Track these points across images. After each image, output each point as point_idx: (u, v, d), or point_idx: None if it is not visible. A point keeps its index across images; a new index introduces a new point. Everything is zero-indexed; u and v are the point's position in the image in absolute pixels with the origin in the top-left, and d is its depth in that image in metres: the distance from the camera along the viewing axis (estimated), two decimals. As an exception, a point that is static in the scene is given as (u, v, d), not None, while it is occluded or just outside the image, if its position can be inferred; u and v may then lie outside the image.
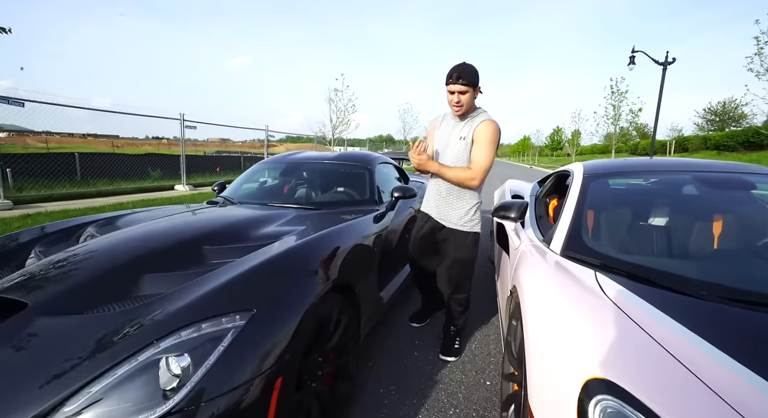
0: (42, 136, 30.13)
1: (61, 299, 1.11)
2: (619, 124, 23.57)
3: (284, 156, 3.07)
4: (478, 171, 1.81)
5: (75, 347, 0.93)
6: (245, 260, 1.36)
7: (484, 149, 1.80)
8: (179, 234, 1.62)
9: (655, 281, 1.11)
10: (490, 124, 1.81)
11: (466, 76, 1.75)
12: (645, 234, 1.53)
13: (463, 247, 1.96)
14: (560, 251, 1.42)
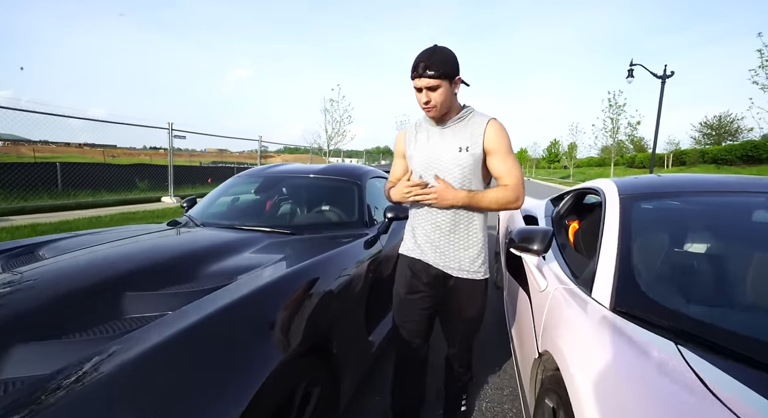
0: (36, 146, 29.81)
1: None
2: (618, 136, 23.55)
3: (263, 168, 2.70)
4: (518, 186, 1.30)
5: None
6: (169, 320, 0.96)
7: (512, 158, 1.32)
8: (101, 273, 1.22)
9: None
10: (501, 126, 1.33)
11: (437, 64, 1.22)
12: (735, 283, 1.14)
13: (476, 301, 1.40)
14: (610, 305, 1.04)
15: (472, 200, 1.29)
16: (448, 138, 1.35)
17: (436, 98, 1.26)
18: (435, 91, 1.25)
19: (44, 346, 0.88)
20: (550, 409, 1.02)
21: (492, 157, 1.33)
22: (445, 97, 1.27)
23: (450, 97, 1.29)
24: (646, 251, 1.20)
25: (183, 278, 1.26)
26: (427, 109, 1.30)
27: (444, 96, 1.26)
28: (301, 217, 2.25)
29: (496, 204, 1.30)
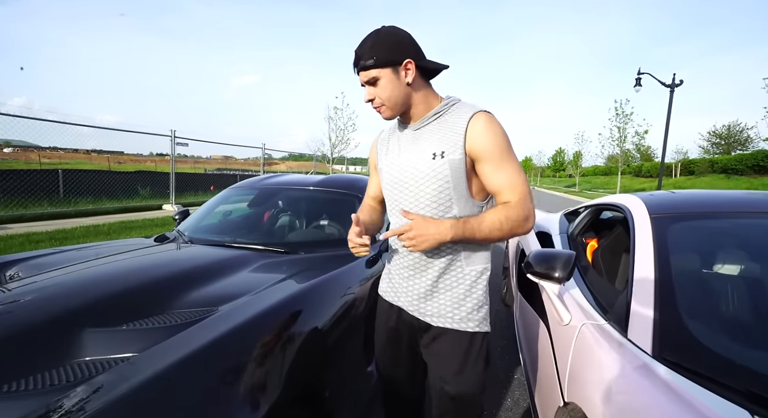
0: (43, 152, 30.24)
1: None
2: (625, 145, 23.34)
3: (258, 180, 2.56)
4: (525, 201, 0.93)
5: None
6: (129, 368, 0.81)
7: (513, 162, 0.95)
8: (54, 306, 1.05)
9: None
10: (490, 120, 0.95)
11: (371, 50, 0.95)
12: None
13: (465, 365, 0.99)
14: (651, 350, 0.87)
15: (464, 232, 0.92)
16: (421, 143, 1.01)
17: (379, 93, 0.97)
18: (375, 85, 0.97)
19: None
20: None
21: (482, 165, 0.95)
22: (391, 91, 0.97)
23: (401, 88, 0.97)
24: (690, 283, 1.03)
25: (157, 309, 1.11)
26: (376, 109, 1.01)
27: (389, 89, 0.96)
28: (297, 233, 2.10)
29: (499, 232, 0.92)
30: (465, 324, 1.00)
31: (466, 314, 1.00)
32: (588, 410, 0.86)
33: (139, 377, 0.75)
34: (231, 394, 0.82)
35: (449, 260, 1.01)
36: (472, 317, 1.00)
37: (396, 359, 1.17)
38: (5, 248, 4.11)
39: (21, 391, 0.77)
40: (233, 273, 1.45)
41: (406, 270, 1.07)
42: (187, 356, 0.84)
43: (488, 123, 0.95)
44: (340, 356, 1.29)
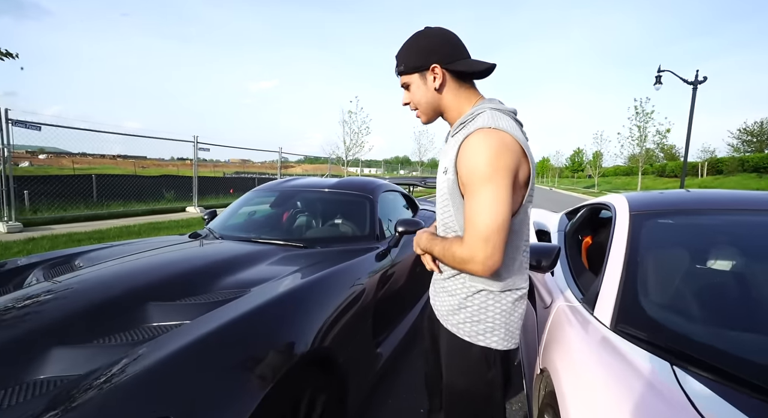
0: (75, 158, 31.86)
1: None
2: (645, 145, 22.76)
3: (279, 183, 2.81)
4: (474, 243, 0.84)
5: None
6: (189, 328, 1.04)
7: (480, 193, 0.84)
8: (126, 284, 1.32)
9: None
10: (483, 139, 0.85)
11: (400, 57, 0.99)
12: (737, 303, 1.12)
13: (459, 366, 1.01)
14: (611, 324, 1.04)
15: (429, 245, 1.01)
16: (444, 154, 1.02)
17: (411, 98, 1.01)
18: (408, 90, 1.01)
19: (77, 350, 0.98)
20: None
21: (464, 188, 0.91)
22: (420, 96, 0.98)
23: (429, 94, 0.97)
24: (652, 270, 1.18)
25: (200, 289, 1.35)
26: (414, 112, 1.04)
27: (418, 94, 0.98)
28: (314, 230, 2.33)
29: (443, 258, 0.95)
30: (462, 331, 0.99)
31: (464, 321, 0.99)
32: (554, 375, 1.03)
33: (191, 337, 0.97)
34: (262, 351, 1.04)
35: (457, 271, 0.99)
36: (467, 328, 0.98)
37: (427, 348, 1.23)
38: (53, 246, 4.53)
39: (108, 344, 1.01)
40: (259, 263, 1.68)
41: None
42: (227, 322, 1.06)
43: (473, 146, 0.87)
44: (351, 332, 1.49)
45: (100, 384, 0.81)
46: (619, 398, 0.77)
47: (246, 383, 0.93)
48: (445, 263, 0.96)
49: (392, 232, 2.39)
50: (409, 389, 2.01)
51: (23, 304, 1.19)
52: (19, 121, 5.71)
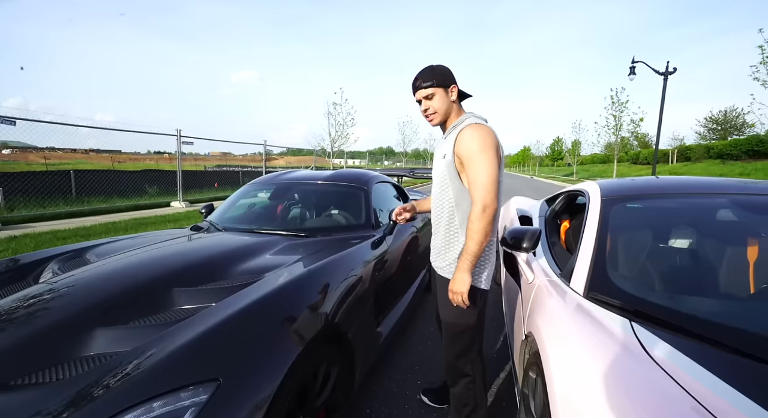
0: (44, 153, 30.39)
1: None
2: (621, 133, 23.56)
3: (275, 176, 2.90)
4: (480, 196, 1.28)
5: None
6: (218, 309, 1.16)
7: (477, 163, 1.29)
8: (148, 273, 1.43)
9: (710, 336, 0.91)
10: (474, 130, 1.32)
11: (428, 76, 1.39)
12: (684, 271, 1.33)
13: (451, 306, 1.39)
14: (583, 292, 1.23)
15: (470, 257, 1.30)
16: (442, 146, 1.47)
17: (433, 105, 1.41)
18: (431, 99, 1.41)
19: (117, 330, 1.09)
20: (533, 380, 1.21)
21: (463, 165, 1.36)
22: (441, 104, 1.41)
23: (448, 104, 1.42)
24: (618, 247, 1.38)
25: (218, 276, 1.47)
26: (428, 117, 1.45)
27: (440, 103, 1.41)
28: (313, 221, 2.44)
29: (477, 234, 1.29)
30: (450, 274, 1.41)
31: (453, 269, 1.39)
32: (537, 337, 1.21)
33: (218, 317, 1.10)
34: (283, 328, 1.17)
35: (447, 226, 1.45)
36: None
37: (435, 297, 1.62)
38: (38, 244, 4.46)
39: (144, 324, 1.12)
40: (267, 252, 1.80)
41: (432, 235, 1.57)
42: (252, 302, 1.19)
43: (469, 133, 1.33)
44: (355, 311, 1.63)
45: (148, 356, 0.94)
46: (591, 349, 0.95)
47: (277, 353, 1.06)
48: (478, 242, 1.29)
49: (386, 221, 2.54)
50: (405, 368, 2.19)
51: (54, 293, 1.28)
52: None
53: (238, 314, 1.11)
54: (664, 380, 0.79)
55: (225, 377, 0.90)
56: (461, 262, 1.32)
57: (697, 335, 0.93)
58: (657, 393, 0.77)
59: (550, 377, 0.96)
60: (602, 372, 0.86)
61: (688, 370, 0.81)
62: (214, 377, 0.89)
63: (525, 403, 1.28)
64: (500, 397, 1.89)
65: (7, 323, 1.10)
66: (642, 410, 0.73)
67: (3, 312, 1.17)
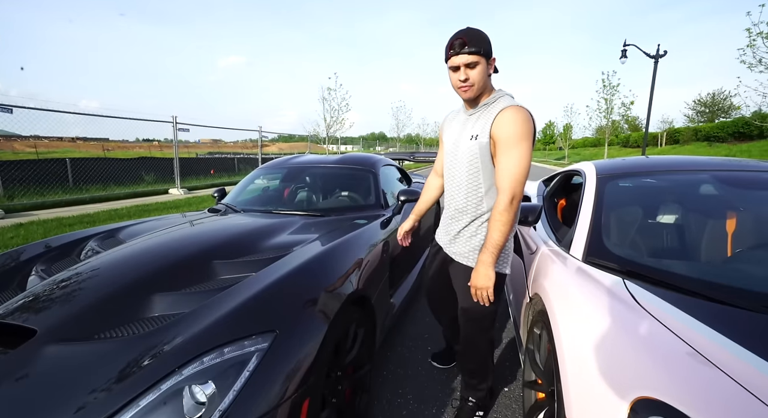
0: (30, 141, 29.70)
1: (70, 323, 1.06)
2: (612, 117, 23.76)
3: (286, 160, 3.01)
4: (511, 186, 1.21)
5: (93, 377, 0.88)
6: (260, 276, 1.31)
7: (515, 153, 1.20)
8: (187, 248, 1.56)
9: (690, 289, 1.09)
10: (517, 112, 1.21)
11: (474, 41, 1.20)
12: (669, 237, 1.51)
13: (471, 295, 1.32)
14: (582, 257, 1.39)
15: (495, 249, 1.24)
16: (469, 125, 1.33)
17: (474, 76, 1.23)
18: (474, 69, 1.22)
19: (173, 295, 1.23)
20: (537, 335, 1.39)
21: (497, 148, 1.24)
22: (482, 76, 1.24)
23: (485, 77, 1.26)
24: (611, 218, 1.54)
25: (251, 251, 1.61)
26: (464, 87, 1.26)
27: (481, 75, 1.24)
28: (326, 202, 2.58)
29: (505, 225, 1.22)
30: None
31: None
32: (546, 300, 1.37)
33: (264, 283, 1.24)
34: (324, 290, 1.31)
35: (472, 216, 1.38)
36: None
37: (435, 288, 1.63)
38: (46, 231, 4.53)
39: (194, 291, 1.26)
40: (288, 230, 1.93)
41: (446, 218, 1.49)
42: (291, 271, 1.33)
43: (512, 116, 1.21)
44: (374, 281, 1.78)
45: (207, 314, 1.08)
46: (591, 302, 1.12)
47: (319, 312, 1.22)
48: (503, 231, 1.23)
49: (393, 201, 2.68)
50: (415, 337, 2.38)
51: (107, 267, 1.41)
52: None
53: (281, 279, 1.26)
54: (652, 323, 0.96)
55: (280, 329, 1.05)
56: (485, 255, 1.23)
57: (678, 287, 1.11)
58: (646, 333, 0.94)
59: (556, 328, 1.13)
60: (601, 319, 1.03)
61: (672, 314, 0.98)
62: (271, 328, 1.04)
63: (530, 357, 1.47)
64: (503, 359, 2.09)
65: (76, 291, 1.23)
66: (633, 347, 0.90)
67: (65, 283, 1.30)
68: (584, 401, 0.87)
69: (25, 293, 1.29)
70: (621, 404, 0.77)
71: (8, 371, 0.91)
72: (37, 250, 1.73)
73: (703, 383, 0.75)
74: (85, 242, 1.79)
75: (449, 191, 1.45)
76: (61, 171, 9.13)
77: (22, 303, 1.19)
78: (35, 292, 1.27)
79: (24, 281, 1.45)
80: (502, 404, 1.71)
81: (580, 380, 0.91)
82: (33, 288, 1.32)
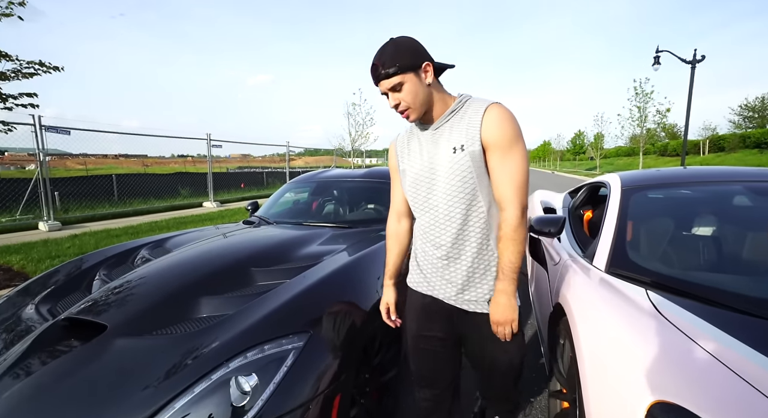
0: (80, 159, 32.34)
1: (134, 321, 1.21)
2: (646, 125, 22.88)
3: (314, 174, 3.18)
4: (519, 197, 1.01)
5: (155, 366, 1.01)
6: (294, 283, 1.42)
7: (514, 156, 1.01)
8: (227, 257, 1.72)
9: (713, 299, 1.09)
10: (504, 110, 1.02)
11: (390, 59, 1.00)
12: (693, 249, 1.49)
13: (499, 340, 1.09)
14: (605, 268, 1.41)
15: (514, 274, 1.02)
16: (442, 141, 1.08)
17: (406, 98, 1.03)
18: (400, 91, 1.03)
19: (217, 299, 1.36)
20: (561, 345, 1.41)
21: (490, 154, 1.02)
22: (415, 94, 1.03)
23: (423, 90, 1.04)
24: (635, 229, 1.55)
25: (284, 259, 1.73)
26: (402, 113, 1.07)
27: (414, 92, 1.03)
28: (353, 214, 2.70)
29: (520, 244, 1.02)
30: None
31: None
32: (568, 310, 1.40)
33: (297, 289, 1.35)
34: (353, 295, 1.41)
35: (479, 246, 1.07)
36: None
37: (425, 351, 1.22)
38: (97, 241, 4.93)
39: (235, 295, 1.39)
40: (318, 240, 2.05)
41: (439, 261, 1.11)
42: (323, 278, 1.45)
43: (501, 114, 1.01)
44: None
45: (250, 315, 1.20)
46: (612, 311, 1.14)
47: (348, 315, 1.31)
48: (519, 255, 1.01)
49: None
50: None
51: (159, 273, 1.57)
52: (51, 127, 6.06)
53: (313, 286, 1.38)
54: (671, 330, 0.98)
55: (314, 331, 1.15)
56: (503, 284, 1.02)
57: (698, 296, 1.11)
58: (665, 340, 0.96)
59: (576, 335, 1.16)
60: (620, 325, 1.05)
61: (692, 322, 1.00)
62: (306, 329, 1.14)
63: (555, 366, 1.48)
64: (530, 370, 2.08)
65: (135, 294, 1.40)
66: (651, 352, 0.92)
67: (125, 287, 1.47)
68: (602, 404, 0.90)
69: (92, 294, 1.46)
70: (638, 407, 0.80)
71: (86, 359, 1.06)
72: (97, 258, 1.94)
73: (719, 388, 0.77)
74: (137, 251, 1.99)
75: (432, 227, 1.11)
76: (108, 186, 9.89)
77: (93, 303, 1.35)
78: (102, 293, 1.44)
79: (90, 284, 1.64)
80: (530, 415, 1.71)
81: (599, 383, 0.94)
82: (99, 290, 1.50)
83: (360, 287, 1.52)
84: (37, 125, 5.86)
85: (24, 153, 15.00)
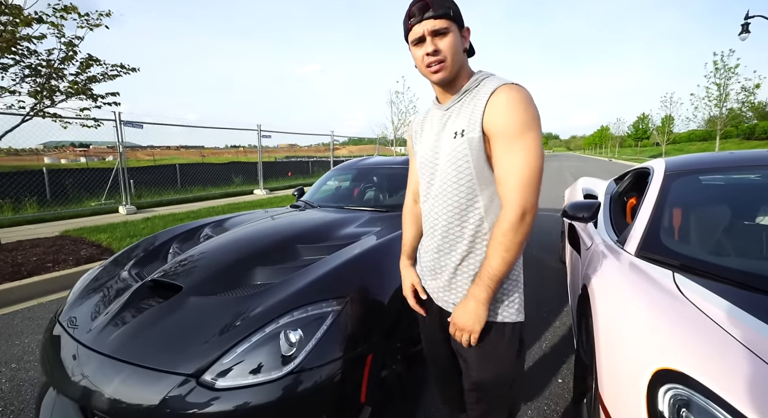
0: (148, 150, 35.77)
1: (203, 284, 1.45)
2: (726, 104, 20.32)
3: (355, 162, 3.34)
4: (522, 197, 0.84)
5: (221, 319, 1.23)
6: (334, 257, 1.60)
7: (522, 148, 0.84)
8: (276, 235, 1.93)
9: (742, 282, 1.08)
10: (515, 92, 0.85)
11: (439, 3, 0.87)
12: (727, 233, 1.44)
13: (493, 354, 0.97)
14: (635, 252, 1.41)
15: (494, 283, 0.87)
16: (449, 123, 0.96)
17: (445, 48, 0.88)
18: (444, 38, 0.88)
19: (269, 269, 1.57)
20: (584, 325, 1.45)
21: (493, 144, 0.87)
22: (456, 49, 0.89)
23: (461, 51, 0.91)
24: (669, 215, 1.52)
25: (325, 238, 1.91)
26: (434, 64, 0.90)
27: (454, 47, 0.89)
28: (391, 199, 2.83)
29: (508, 251, 0.85)
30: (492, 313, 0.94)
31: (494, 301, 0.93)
32: (590, 289, 1.43)
33: (336, 262, 1.52)
34: (385, 270, 1.55)
35: (469, 246, 0.95)
36: (505, 309, 0.95)
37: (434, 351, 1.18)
38: (165, 223, 5.56)
39: (283, 266, 1.59)
40: (356, 222, 2.21)
41: (432, 253, 1.03)
42: (356, 254, 1.60)
43: (511, 97, 0.84)
44: None
45: (296, 282, 1.38)
46: (633, 290, 1.17)
47: (381, 286, 1.46)
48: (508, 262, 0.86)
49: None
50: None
51: (222, 246, 1.82)
52: (128, 122, 6.85)
53: (351, 260, 1.54)
54: (690, 309, 1.00)
55: (350, 297, 1.31)
56: (478, 289, 0.89)
57: (729, 280, 1.11)
58: (687, 322, 0.98)
59: (596, 316, 1.20)
60: (639, 307, 1.08)
61: (715, 304, 1.01)
62: (343, 295, 1.30)
63: (581, 346, 1.52)
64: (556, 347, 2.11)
65: (202, 262, 1.65)
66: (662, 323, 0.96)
67: (195, 257, 1.73)
68: (612, 374, 0.96)
69: (169, 263, 1.74)
70: (644, 374, 0.85)
71: (167, 313, 1.30)
72: (167, 235, 2.26)
73: (725, 359, 0.81)
74: (201, 229, 2.29)
75: (430, 215, 1.02)
76: (172, 174, 10.94)
77: (170, 269, 1.63)
78: (176, 262, 1.71)
79: (165, 255, 1.95)
80: (554, 393, 1.76)
81: (610, 355, 1.00)
82: (174, 259, 1.78)
83: (393, 263, 1.64)
84: (117, 121, 6.66)
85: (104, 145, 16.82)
